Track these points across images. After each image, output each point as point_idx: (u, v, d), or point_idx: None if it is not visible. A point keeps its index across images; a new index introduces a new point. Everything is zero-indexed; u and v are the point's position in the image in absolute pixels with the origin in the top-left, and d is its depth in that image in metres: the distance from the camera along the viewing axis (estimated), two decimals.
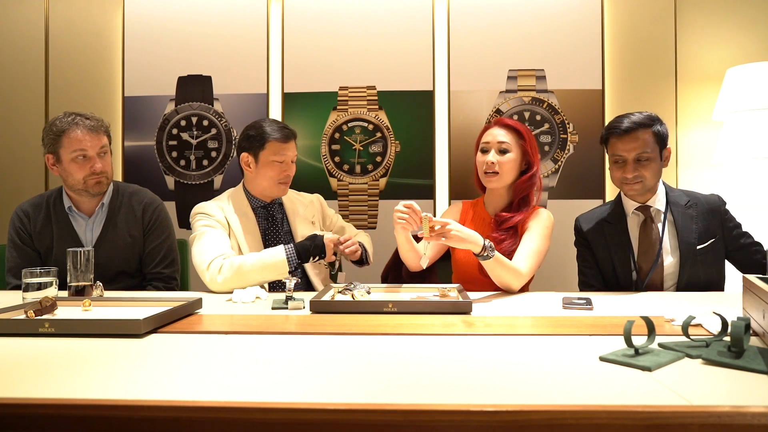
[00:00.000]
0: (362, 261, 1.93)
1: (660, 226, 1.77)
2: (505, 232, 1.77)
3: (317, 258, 1.75)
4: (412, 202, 1.58)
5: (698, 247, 1.74)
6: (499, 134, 1.80)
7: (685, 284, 1.74)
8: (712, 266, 1.76)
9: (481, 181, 1.86)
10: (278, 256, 1.72)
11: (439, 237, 1.50)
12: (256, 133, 1.88)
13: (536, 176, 1.82)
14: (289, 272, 1.72)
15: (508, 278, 1.61)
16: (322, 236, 1.77)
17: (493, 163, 1.78)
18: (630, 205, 1.82)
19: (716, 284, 1.78)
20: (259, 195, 1.94)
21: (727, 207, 1.81)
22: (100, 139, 1.85)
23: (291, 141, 1.89)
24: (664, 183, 1.83)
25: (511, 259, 1.67)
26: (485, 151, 1.82)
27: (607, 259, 1.83)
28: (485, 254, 1.53)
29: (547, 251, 1.78)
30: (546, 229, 1.77)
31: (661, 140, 1.75)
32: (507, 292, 1.67)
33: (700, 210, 1.78)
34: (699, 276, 1.74)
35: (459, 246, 1.54)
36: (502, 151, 1.79)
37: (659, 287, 1.77)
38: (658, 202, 1.79)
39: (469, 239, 1.50)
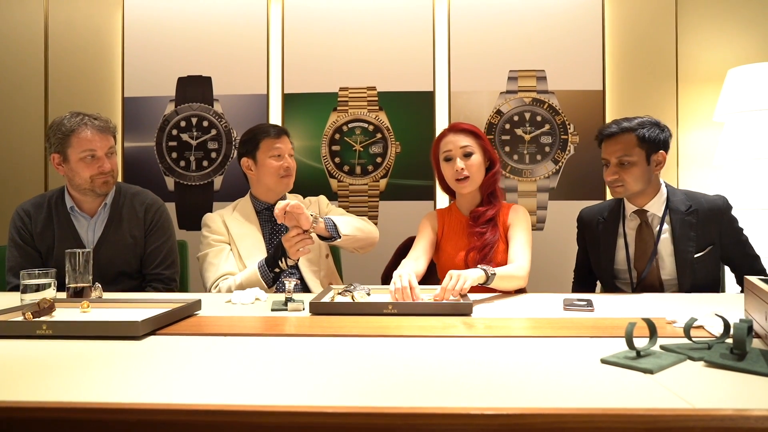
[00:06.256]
0: (332, 237, 1.78)
1: (656, 231, 1.78)
2: (485, 225, 1.81)
3: (282, 258, 1.74)
4: (414, 284, 1.47)
5: (695, 255, 1.74)
6: (459, 140, 1.82)
7: (686, 291, 1.75)
8: (710, 271, 1.77)
9: (451, 188, 1.88)
10: (253, 270, 1.79)
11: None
12: (249, 137, 1.98)
13: (499, 171, 1.88)
14: (276, 274, 1.77)
15: (515, 282, 1.65)
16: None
17: (462, 168, 1.79)
18: (629, 208, 1.83)
19: (714, 287, 1.80)
20: (264, 197, 1.99)
21: (731, 212, 1.78)
22: (108, 140, 1.86)
23: (283, 136, 1.97)
24: (667, 186, 1.82)
25: (498, 252, 1.74)
26: (449, 159, 1.83)
27: (595, 255, 1.89)
28: (489, 280, 1.53)
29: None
30: (528, 222, 1.84)
31: (650, 144, 1.74)
32: (507, 293, 1.67)
33: (700, 216, 1.75)
34: (698, 281, 1.75)
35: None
36: (467, 155, 1.81)
37: (658, 291, 1.78)
38: (656, 206, 1.79)
39: (475, 280, 1.48)
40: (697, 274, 1.74)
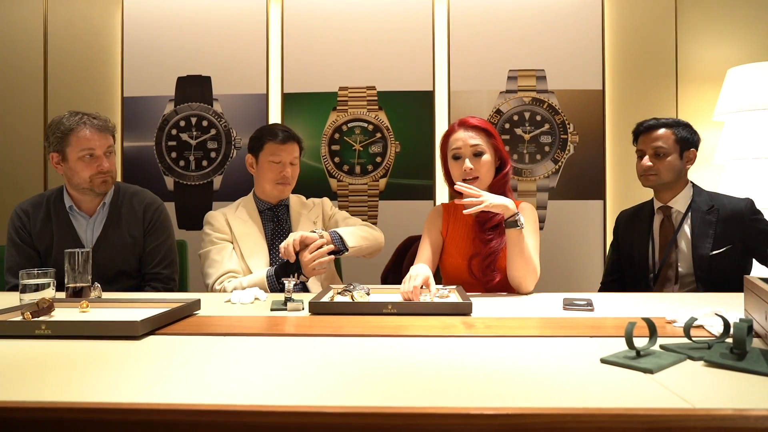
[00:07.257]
0: (339, 251, 1.80)
1: (677, 226, 1.88)
2: (492, 232, 1.72)
3: (295, 274, 1.72)
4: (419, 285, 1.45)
5: (711, 253, 1.81)
6: (468, 137, 1.72)
7: (704, 288, 1.81)
8: (730, 269, 1.81)
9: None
10: (261, 277, 1.79)
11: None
12: (257, 135, 1.98)
13: (510, 172, 1.79)
14: (279, 281, 1.77)
15: (527, 271, 1.60)
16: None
17: (471, 168, 1.70)
18: (656, 204, 1.95)
19: (739, 284, 1.79)
20: (264, 197, 2.00)
21: (759, 215, 1.84)
22: (107, 139, 1.86)
23: (289, 143, 1.94)
24: (695, 187, 1.93)
25: (504, 258, 1.66)
26: (458, 158, 1.74)
27: (628, 253, 1.99)
28: (515, 221, 1.56)
29: None
30: (536, 224, 1.76)
31: (684, 142, 1.90)
32: (510, 293, 1.66)
33: (721, 216, 1.84)
34: (716, 277, 1.80)
35: (492, 210, 1.57)
36: (477, 154, 1.71)
37: (675, 284, 1.86)
38: (680, 203, 1.91)
39: (499, 206, 1.55)
40: (714, 271, 1.81)
